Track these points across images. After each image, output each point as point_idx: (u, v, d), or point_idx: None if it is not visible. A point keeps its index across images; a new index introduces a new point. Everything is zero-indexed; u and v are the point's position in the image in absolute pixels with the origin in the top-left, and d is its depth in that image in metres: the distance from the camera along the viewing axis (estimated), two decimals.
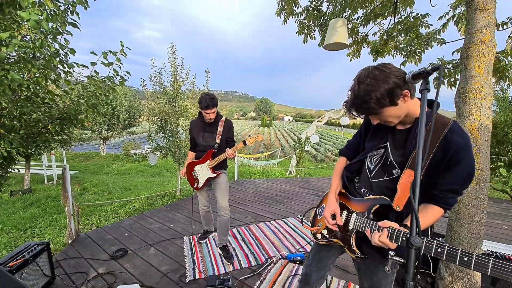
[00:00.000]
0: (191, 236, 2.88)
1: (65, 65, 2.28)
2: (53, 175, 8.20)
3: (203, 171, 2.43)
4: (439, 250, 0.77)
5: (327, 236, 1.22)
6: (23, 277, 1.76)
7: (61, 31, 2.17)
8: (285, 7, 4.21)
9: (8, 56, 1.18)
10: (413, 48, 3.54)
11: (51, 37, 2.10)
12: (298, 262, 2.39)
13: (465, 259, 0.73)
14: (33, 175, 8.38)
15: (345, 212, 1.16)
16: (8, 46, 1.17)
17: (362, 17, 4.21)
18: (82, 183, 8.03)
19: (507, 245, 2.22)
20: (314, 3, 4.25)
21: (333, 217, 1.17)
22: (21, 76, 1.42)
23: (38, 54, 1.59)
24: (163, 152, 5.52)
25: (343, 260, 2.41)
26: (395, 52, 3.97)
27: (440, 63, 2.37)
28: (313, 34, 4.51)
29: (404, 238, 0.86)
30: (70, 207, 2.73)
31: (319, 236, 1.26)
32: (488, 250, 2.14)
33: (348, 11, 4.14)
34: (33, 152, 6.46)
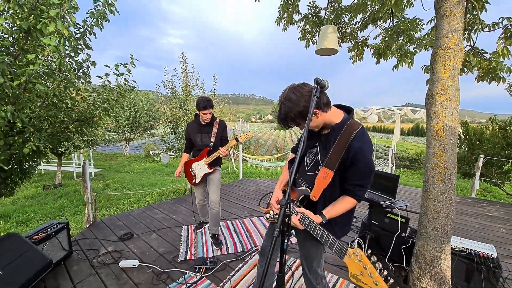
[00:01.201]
0: (189, 226, 3.21)
1: (87, 76, 2.78)
2: (80, 172, 9.11)
3: (200, 168, 2.74)
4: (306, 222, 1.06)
5: (273, 217, 1.45)
6: (45, 248, 2.18)
7: (82, 47, 2.66)
8: (285, 15, 4.45)
9: (34, 72, 1.57)
10: (405, 51, 3.62)
11: (72, 54, 2.57)
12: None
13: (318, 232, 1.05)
14: (64, 172, 9.36)
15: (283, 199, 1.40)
16: (34, 65, 1.57)
17: (360, 22, 4.33)
18: (105, 180, 8.82)
19: (485, 244, 2.26)
20: (312, 10, 4.45)
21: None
22: (46, 86, 1.82)
23: (59, 70, 2.00)
24: (173, 152, 6.00)
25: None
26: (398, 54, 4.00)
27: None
28: (315, 39, 4.68)
29: (306, 222, 1.10)
30: (89, 196, 3.19)
31: (268, 216, 1.50)
32: (463, 247, 2.21)
33: (346, 16, 4.26)
34: (60, 150, 7.31)
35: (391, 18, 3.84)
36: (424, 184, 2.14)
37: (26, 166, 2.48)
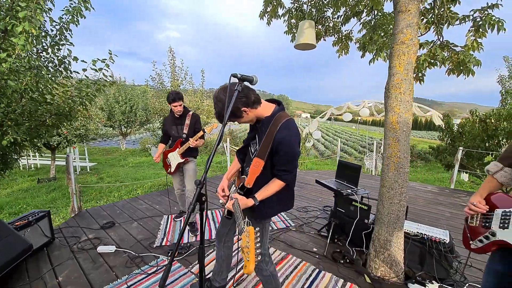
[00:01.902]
0: (169, 215, 3.36)
1: (68, 71, 2.88)
2: (76, 166, 9.25)
3: (174, 158, 2.88)
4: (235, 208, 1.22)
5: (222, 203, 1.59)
6: (26, 234, 2.33)
7: (63, 43, 2.76)
8: (268, 9, 4.48)
9: (6, 70, 1.67)
10: (381, 45, 3.69)
11: (50, 50, 2.67)
12: None
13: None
14: (59, 166, 9.51)
15: (233, 187, 1.53)
16: (5, 63, 1.67)
17: (342, 16, 4.37)
18: (99, 174, 8.98)
19: (440, 229, 2.40)
20: (296, 4, 4.48)
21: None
22: (20, 83, 1.93)
23: (30, 67, 2.10)
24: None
25: (289, 237, 2.74)
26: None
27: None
28: None
29: (235, 208, 1.24)
30: (73, 187, 3.33)
31: (221, 201, 1.63)
32: (418, 232, 2.35)
33: (328, 9, 4.29)
34: (53, 144, 7.45)
35: (373, 12, 3.89)
36: (381, 173, 2.27)
37: (8, 158, 2.62)
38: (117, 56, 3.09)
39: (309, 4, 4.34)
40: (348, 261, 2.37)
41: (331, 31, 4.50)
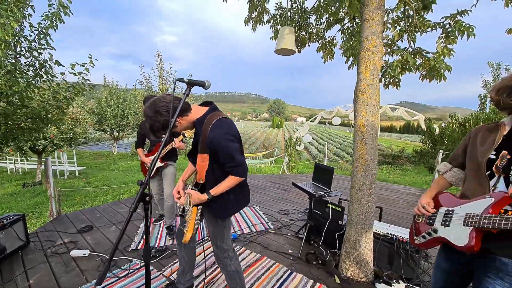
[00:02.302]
0: (150, 219, 3.35)
1: (48, 74, 2.91)
2: (64, 170, 9.13)
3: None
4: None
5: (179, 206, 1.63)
6: (1, 237, 2.31)
7: (44, 47, 2.80)
8: (253, 15, 4.57)
9: None
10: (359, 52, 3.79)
11: (28, 54, 2.69)
12: None
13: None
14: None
15: (189, 186, 1.57)
16: None
17: (325, 23, 4.48)
18: (88, 178, 8.88)
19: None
20: (279, 11, 4.58)
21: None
22: None
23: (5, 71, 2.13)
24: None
25: (267, 239, 2.77)
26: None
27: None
28: None
29: (187, 201, 1.28)
30: (51, 191, 3.31)
31: (178, 204, 1.67)
32: (387, 233, 2.40)
33: (311, 16, 4.39)
34: (39, 147, 7.36)
35: (354, 19, 4.00)
36: (351, 175, 2.33)
37: None
38: (98, 60, 3.13)
39: (292, 11, 4.46)
40: (320, 262, 2.40)
41: (314, 37, 4.60)
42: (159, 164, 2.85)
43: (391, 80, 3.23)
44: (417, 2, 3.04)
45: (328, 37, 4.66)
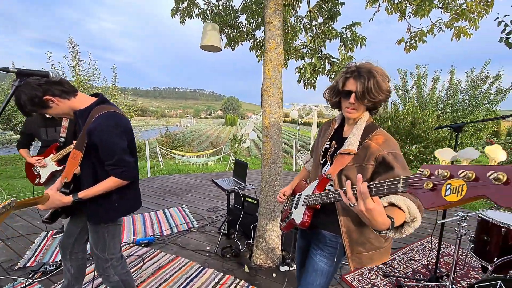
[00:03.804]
0: (50, 232, 2.91)
1: None
2: None
3: (47, 165, 2.49)
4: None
5: None
6: None
7: None
8: (181, 8, 4.34)
9: None
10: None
11: None
12: (143, 245, 2.63)
13: None
14: None
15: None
16: None
17: (254, 23, 4.56)
18: None
19: None
20: (209, 6, 4.47)
21: None
22: None
23: None
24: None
25: (187, 239, 2.73)
26: None
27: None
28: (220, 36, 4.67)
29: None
30: None
31: None
32: None
33: (240, 15, 4.38)
34: None
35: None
36: (261, 169, 2.47)
37: None
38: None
39: (220, 9, 4.42)
40: (234, 255, 2.48)
41: (245, 35, 4.67)
42: (55, 168, 2.48)
43: (308, 81, 3.56)
44: (324, 13, 3.39)
45: (259, 37, 4.80)
